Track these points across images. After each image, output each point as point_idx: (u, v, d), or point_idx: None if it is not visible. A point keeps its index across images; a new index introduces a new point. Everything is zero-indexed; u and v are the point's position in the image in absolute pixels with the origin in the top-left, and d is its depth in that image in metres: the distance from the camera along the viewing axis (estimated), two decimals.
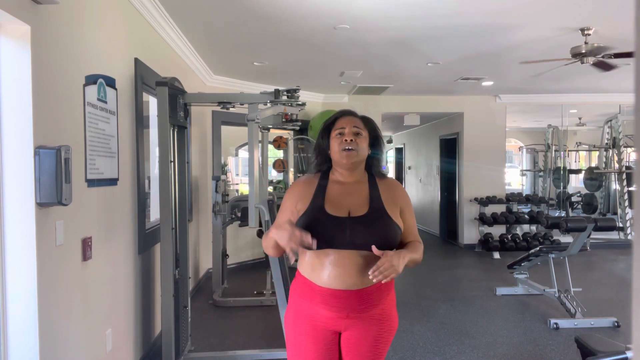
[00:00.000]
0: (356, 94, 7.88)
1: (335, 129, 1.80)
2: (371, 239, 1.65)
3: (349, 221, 1.68)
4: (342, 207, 1.72)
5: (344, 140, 1.75)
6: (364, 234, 1.66)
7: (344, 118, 1.81)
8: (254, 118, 3.30)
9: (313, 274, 1.71)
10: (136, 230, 3.34)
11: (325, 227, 1.68)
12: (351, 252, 1.67)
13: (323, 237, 1.66)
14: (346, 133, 1.76)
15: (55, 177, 2.00)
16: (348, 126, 1.77)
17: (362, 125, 1.80)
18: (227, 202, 5.40)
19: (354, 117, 1.82)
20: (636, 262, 0.56)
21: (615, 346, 2.53)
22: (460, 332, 4.22)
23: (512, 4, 3.74)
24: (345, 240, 1.66)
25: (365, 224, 1.68)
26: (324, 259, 1.68)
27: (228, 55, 5.39)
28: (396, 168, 13.76)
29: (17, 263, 1.97)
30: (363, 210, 1.71)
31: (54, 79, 2.18)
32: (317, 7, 3.78)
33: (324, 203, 1.73)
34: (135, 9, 3.45)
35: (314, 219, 1.70)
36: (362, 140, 1.78)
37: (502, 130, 8.35)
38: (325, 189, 1.77)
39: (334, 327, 1.72)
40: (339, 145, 1.75)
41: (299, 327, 1.75)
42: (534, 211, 8.27)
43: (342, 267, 1.66)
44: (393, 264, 1.57)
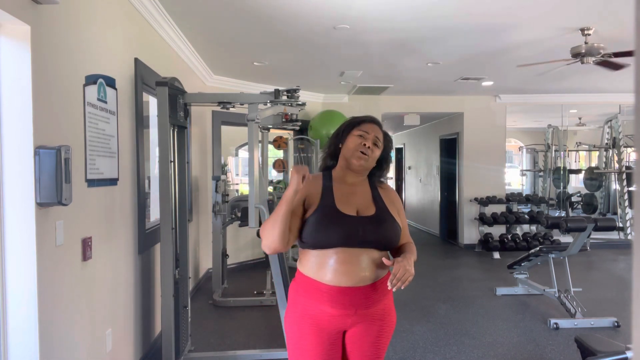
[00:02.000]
0: (356, 94, 7.88)
1: (359, 129, 1.84)
2: (382, 237, 1.72)
3: (361, 220, 1.73)
4: (351, 205, 1.76)
5: (363, 144, 1.80)
6: (374, 232, 1.72)
7: (371, 124, 1.87)
8: (254, 118, 3.30)
9: (319, 273, 1.71)
10: (136, 230, 3.35)
11: (339, 224, 1.70)
12: (357, 249, 1.70)
13: (337, 234, 1.69)
14: (368, 138, 1.81)
15: (55, 177, 2.00)
16: (372, 133, 1.83)
17: (382, 139, 1.87)
18: (227, 202, 5.40)
19: (379, 129, 1.88)
20: (636, 262, 0.56)
21: (615, 346, 2.53)
22: (460, 332, 4.22)
23: (512, 4, 3.74)
24: (358, 238, 1.70)
25: (376, 223, 1.74)
26: (331, 257, 1.70)
27: (228, 55, 5.39)
28: (396, 168, 13.75)
29: (17, 263, 1.97)
30: (371, 211, 1.77)
31: (54, 79, 2.18)
32: (317, 7, 3.78)
33: (335, 201, 1.75)
34: (135, 9, 3.45)
35: (327, 217, 1.72)
36: (376, 152, 1.84)
37: (502, 130, 8.35)
38: (332, 188, 1.80)
39: (339, 325, 1.73)
40: (356, 146, 1.81)
41: (303, 327, 1.74)
42: (534, 211, 8.27)
43: (349, 264, 1.69)
44: (407, 269, 1.63)
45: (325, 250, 1.71)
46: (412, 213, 11.67)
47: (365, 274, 1.70)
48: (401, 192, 12.83)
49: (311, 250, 1.74)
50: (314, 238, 1.71)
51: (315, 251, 1.73)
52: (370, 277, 1.71)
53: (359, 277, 1.69)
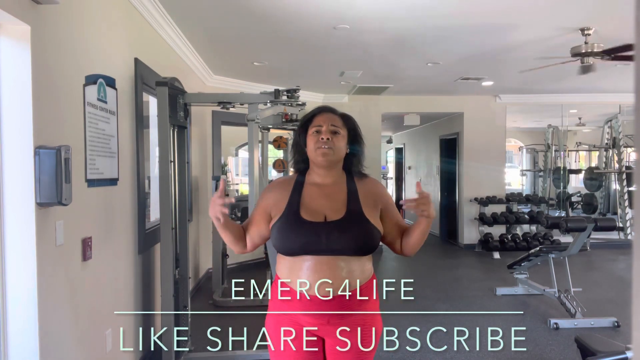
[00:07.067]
0: (356, 94, 7.87)
1: (312, 126, 1.74)
2: (348, 244, 1.63)
3: (325, 226, 1.65)
4: (318, 211, 1.68)
5: (320, 139, 1.69)
6: (340, 239, 1.63)
7: (322, 115, 1.75)
8: (254, 118, 3.31)
9: (291, 279, 1.66)
10: (136, 230, 3.34)
11: (300, 233, 1.65)
12: (329, 257, 1.63)
13: (298, 243, 1.64)
14: (323, 132, 1.70)
15: (55, 177, 2.00)
16: (325, 124, 1.71)
17: (340, 123, 1.75)
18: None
19: (332, 115, 1.77)
20: (636, 262, 0.56)
21: (615, 346, 2.53)
22: (460, 332, 4.22)
23: (512, 4, 3.74)
24: (322, 246, 1.62)
25: (342, 229, 1.64)
26: (302, 264, 1.64)
27: (228, 55, 5.39)
28: (396, 168, 13.75)
29: (17, 263, 1.97)
30: (339, 215, 1.67)
31: (54, 79, 2.18)
32: (317, 7, 3.77)
33: (299, 208, 1.69)
34: (135, 9, 3.45)
35: (289, 225, 1.67)
36: (340, 140, 1.72)
37: (502, 130, 8.34)
38: (301, 193, 1.73)
39: (316, 332, 1.69)
40: (315, 144, 1.70)
41: (279, 329, 1.71)
42: (534, 211, 8.27)
43: (321, 272, 1.62)
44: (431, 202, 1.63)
45: (296, 257, 1.66)
46: (412, 213, 11.64)
47: (339, 282, 1.61)
48: (401, 192, 12.83)
49: (284, 255, 1.70)
50: (279, 245, 1.69)
51: (288, 257, 1.68)
52: (345, 284, 1.62)
53: (330, 286, 1.61)
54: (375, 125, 8.13)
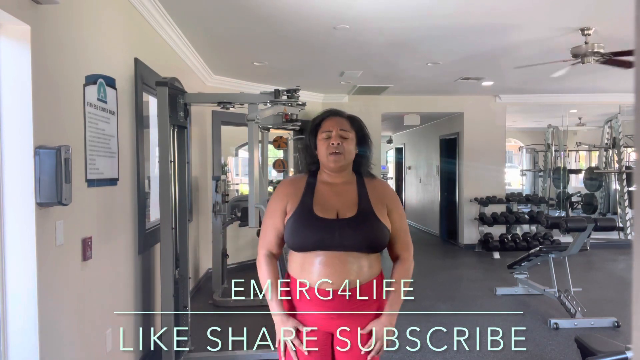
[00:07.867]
0: (356, 94, 7.87)
1: (322, 130, 1.79)
2: (360, 241, 1.68)
3: (338, 223, 1.70)
4: (331, 208, 1.73)
5: (330, 144, 1.74)
6: (352, 235, 1.68)
7: (331, 120, 1.80)
8: (254, 118, 3.31)
9: (302, 275, 1.71)
10: (136, 230, 3.34)
11: (314, 229, 1.69)
12: (340, 253, 1.67)
13: (312, 239, 1.68)
14: (333, 137, 1.75)
15: (55, 177, 2.00)
16: (335, 129, 1.76)
17: (348, 126, 1.80)
18: (227, 202, 5.40)
19: (341, 118, 1.81)
20: (636, 262, 0.56)
21: (615, 346, 2.53)
22: (460, 332, 4.22)
23: (512, 4, 3.74)
24: (335, 242, 1.67)
25: (354, 226, 1.69)
26: (313, 259, 1.68)
27: (228, 55, 5.39)
28: (396, 168, 13.75)
29: (17, 263, 1.97)
30: (352, 212, 1.72)
31: (54, 79, 2.18)
32: (317, 7, 3.77)
33: (313, 205, 1.73)
34: (135, 9, 3.45)
35: (302, 221, 1.71)
36: (349, 143, 1.77)
37: (502, 130, 8.34)
38: (314, 190, 1.77)
39: (325, 327, 1.72)
40: (326, 149, 1.75)
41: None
42: (534, 211, 8.27)
43: (332, 267, 1.67)
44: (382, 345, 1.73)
45: (308, 253, 1.69)
46: (412, 213, 11.67)
47: (350, 278, 1.66)
48: (401, 192, 12.83)
49: (296, 252, 1.73)
50: (292, 241, 1.72)
51: (299, 253, 1.72)
52: (356, 281, 1.67)
53: (342, 281, 1.66)
54: (375, 125, 8.12)
